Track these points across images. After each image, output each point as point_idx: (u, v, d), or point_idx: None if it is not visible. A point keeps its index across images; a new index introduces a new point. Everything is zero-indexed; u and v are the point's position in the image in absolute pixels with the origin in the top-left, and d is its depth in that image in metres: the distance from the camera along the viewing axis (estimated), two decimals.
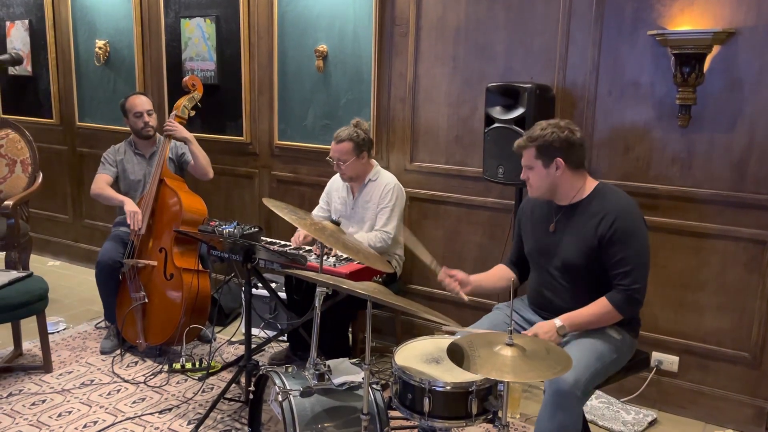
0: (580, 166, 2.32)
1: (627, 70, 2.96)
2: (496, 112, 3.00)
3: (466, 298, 2.43)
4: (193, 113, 3.65)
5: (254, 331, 3.50)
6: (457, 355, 1.80)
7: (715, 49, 2.75)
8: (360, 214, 3.29)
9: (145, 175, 3.63)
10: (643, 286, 2.22)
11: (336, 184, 3.44)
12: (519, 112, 2.91)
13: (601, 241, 2.22)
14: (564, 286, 2.33)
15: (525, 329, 2.44)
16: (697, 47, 2.69)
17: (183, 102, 3.59)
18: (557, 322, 2.23)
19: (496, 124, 2.99)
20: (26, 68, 4.98)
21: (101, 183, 3.59)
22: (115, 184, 3.66)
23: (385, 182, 3.25)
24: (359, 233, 3.21)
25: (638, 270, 2.21)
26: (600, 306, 2.23)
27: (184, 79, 3.67)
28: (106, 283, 3.51)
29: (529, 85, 2.89)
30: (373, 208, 3.24)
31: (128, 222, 3.40)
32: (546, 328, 2.24)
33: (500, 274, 2.59)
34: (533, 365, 1.72)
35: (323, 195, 3.49)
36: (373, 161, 3.34)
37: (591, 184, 2.34)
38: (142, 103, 3.62)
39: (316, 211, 3.48)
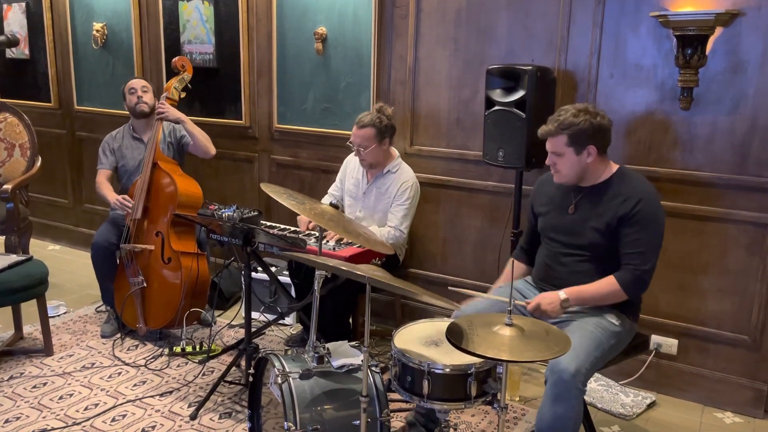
0: (607, 150, 2.33)
1: (629, 53, 2.93)
2: (497, 94, 2.98)
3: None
4: (183, 95, 3.61)
5: (254, 314, 3.51)
6: (455, 334, 1.80)
7: (718, 30, 2.72)
8: (372, 202, 3.24)
9: (142, 160, 3.63)
10: (652, 269, 2.23)
11: (352, 164, 3.37)
12: (519, 94, 2.89)
13: (621, 220, 2.23)
14: (578, 263, 2.33)
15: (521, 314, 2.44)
16: (699, 29, 2.67)
17: (173, 83, 3.56)
18: (561, 294, 2.24)
19: (496, 107, 2.97)
20: (24, 51, 4.95)
21: (100, 178, 3.63)
22: (115, 172, 3.69)
23: (404, 178, 3.18)
24: (372, 226, 3.17)
25: (650, 253, 2.22)
26: (607, 284, 2.23)
27: (174, 60, 3.62)
28: (101, 265, 3.51)
29: (530, 68, 2.87)
30: (386, 201, 3.18)
31: (113, 207, 3.43)
32: (550, 299, 2.24)
33: (516, 273, 2.55)
34: (531, 345, 1.72)
35: (339, 173, 3.45)
36: (395, 150, 3.28)
37: (612, 166, 2.35)
38: (137, 81, 3.69)
39: (332, 190, 3.46)
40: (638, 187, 2.27)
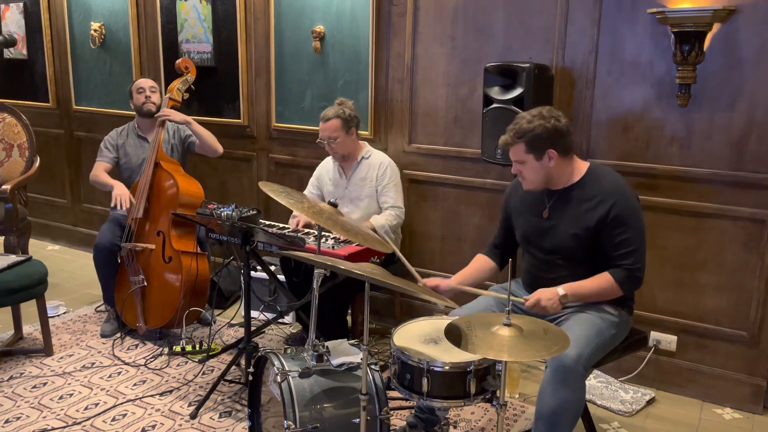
0: (570, 151, 2.31)
1: (626, 49, 2.93)
2: (495, 92, 2.98)
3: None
4: (186, 96, 3.64)
5: (254, 313, 3.51)
6: (454, 335, 1.80)
7: (716, 26, 2.72)
8: (355, 193, 3.29)
9: (146, 158, 3.63)
10: (643, 264, 2.25)
11: (326, 168, 3.43)
12: (517, 92, 2.89)
13: (600, 224, 2.22)
14: (561, 267, 2.33)
15: (519, 311, 2.45)
16: (696, 25, 2.67)
17: (176, 85, 3.58)
18: (560, 290, 2.23)
19: (494, 105, 2.97)
20: (21, 51, 4.94)
21: (97, 170, 3.62)
22: (117, 169, 3.68)
23: (379, 160, 3.28)
24: (374, 217, 3.21)
25: (639, 250, 2.23)
26: (603, 280, 2.24)
27: (177, 62, 3.65)
28: (104, 266, 3.52)
29: (528, 65, 2.87)
30: (369, 185, 3.25)
31: (112, 204, 3.39)
32: (549, 294, 2.23)
33: (481, 266, 2.55)
34: (530, 345, 1.73)
35: (312, 180, 3.48)
36: (363, 141, 3.36)
37: (582, 165, 2.34)
38: (145, 80, 3.72)
39: (307, 191, 3.47)
40: (610, 186, 2.26)
